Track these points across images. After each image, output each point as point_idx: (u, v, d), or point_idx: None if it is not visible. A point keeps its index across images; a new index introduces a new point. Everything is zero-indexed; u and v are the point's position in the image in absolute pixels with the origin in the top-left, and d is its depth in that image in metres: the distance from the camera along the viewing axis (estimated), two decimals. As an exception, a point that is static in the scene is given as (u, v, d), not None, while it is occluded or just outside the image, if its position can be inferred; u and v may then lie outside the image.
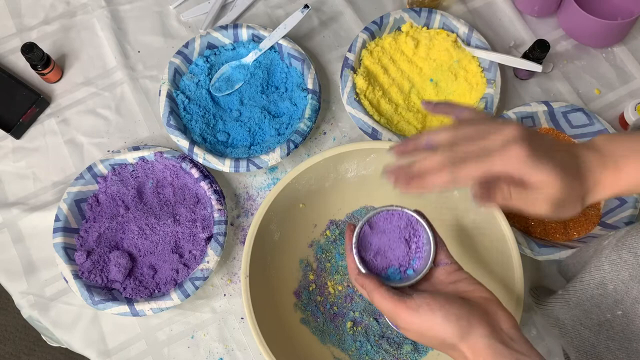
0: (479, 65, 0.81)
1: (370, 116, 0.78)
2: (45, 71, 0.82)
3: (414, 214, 0.57)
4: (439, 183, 0.48)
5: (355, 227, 0.57)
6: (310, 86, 0.79)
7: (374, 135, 0.77)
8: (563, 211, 0.49)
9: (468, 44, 0.83)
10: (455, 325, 0.47)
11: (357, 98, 0.79)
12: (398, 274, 0.57)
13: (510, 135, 0.48)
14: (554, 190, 0.47)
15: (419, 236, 0.58)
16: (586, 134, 0.77)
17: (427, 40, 0.83)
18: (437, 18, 0.83)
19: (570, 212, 0.49)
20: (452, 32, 0.83)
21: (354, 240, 0.56)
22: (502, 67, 0.84)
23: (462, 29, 0.83)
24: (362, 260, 0.57)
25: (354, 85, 0.79)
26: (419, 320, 0.49)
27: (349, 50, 0.81)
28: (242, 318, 0.74)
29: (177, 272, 0.72)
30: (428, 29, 0.84)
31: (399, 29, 0.84)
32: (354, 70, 0.81)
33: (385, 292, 0.51)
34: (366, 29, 0.82)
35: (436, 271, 0.55)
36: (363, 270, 0.56)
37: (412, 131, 0.79)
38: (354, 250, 0.56)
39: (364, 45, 0.82)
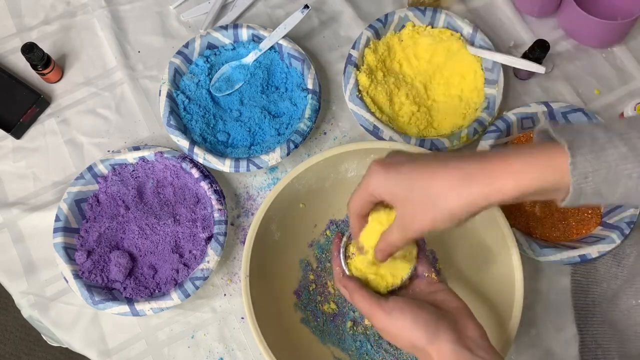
0: (482, 66, 0.81)
1: (372, 113, 0.78)
2: (46, 71, 0.82)
3: None
4: None
5: (343, 235, 0.61)
6: (310, 86, 0.79)
7: (375, 133, 0.77)
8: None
9: (472, 44, 0.83)
10: (423, 329, 0.50)
11: (360, 95, 0.79)
12: None
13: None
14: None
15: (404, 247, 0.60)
16: (586, 134, 0.77)
17: (430, 39, 0.83)
18: (442, 17, 0.83)
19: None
20: (457, 31, 0.84)
21: (342, 244, 0.60)
22: (504, 68, 0.84)
23: (467, 29, 0.83)
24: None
25: (357, 82, 0.79)
26: (390, 322, 0.52)
27: (353, 47, 0.81)
28: (242, 318, 0.74)
29: (177, 272, 0.72)
30: (432, 28, 0.84)
31: (403, 27, 0.84)
32: (357, 68, 0.81)
33: (366, 293, 0.55)
34: (371, 26, 0.82)
35: (417, 281, 0.58)
36: (348, 273, 0.59)
37: (414, 130, 0.79)
38: (341, 254, 0.59)
39: (367, 43, 0.82)
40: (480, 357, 0.48)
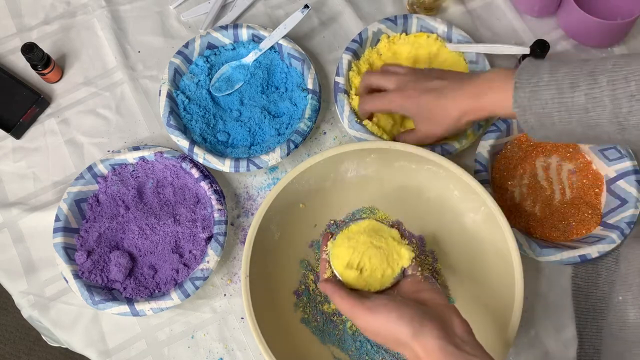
0: (466, 60, 0.81)
1: (373, 134, 0.76)
2: (46, 71, 0.82)
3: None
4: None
5: (332, 235, 0.61)
6: (310, 86, 0.79)
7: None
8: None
9: (450, 41, 0.82)
10: (408, 324, 0.50)
11: (358, 120, 0.77)
12: None
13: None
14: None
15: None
16: (586, 134, 0.77)
17: (409, 46, 0.82)
18: (414, 22, 0.83)
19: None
20: (432, 32, 0.83)
21: (328, 245, 0.60)
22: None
23: (441, 28, 0.82)
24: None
25: (352, 109, 0.77)
26: (375, 319, 0.52)
27: (337, 75, 0.79)
28: (242, 318, 0.74)
29: (177, 272, 0.72)
30: (407, 34, 0.83)
31: (379, 40, 0.83)
32: (347, 93, 0.79)
33: (345, 294, 0.55)
34: (348, 49, 0.81)
35: (402, 281, 0.59)
36: (338, 276, 0.59)
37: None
38: (328, 257, 0.60)
39: (350, 66, 0.80)
40: (465, 352, 0.48)
